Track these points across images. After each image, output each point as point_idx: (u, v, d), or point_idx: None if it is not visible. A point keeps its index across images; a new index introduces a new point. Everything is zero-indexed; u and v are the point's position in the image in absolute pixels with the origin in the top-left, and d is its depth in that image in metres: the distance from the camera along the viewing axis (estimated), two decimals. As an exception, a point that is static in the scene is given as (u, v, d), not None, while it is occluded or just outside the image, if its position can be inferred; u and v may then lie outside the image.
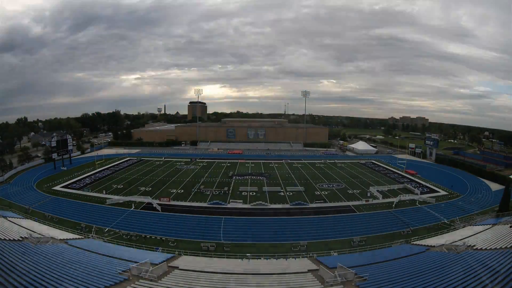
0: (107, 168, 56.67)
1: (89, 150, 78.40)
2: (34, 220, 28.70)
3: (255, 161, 67.24)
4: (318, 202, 37.58)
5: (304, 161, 67.36)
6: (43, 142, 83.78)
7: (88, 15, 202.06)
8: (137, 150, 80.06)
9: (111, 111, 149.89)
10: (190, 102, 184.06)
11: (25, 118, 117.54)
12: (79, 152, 73.26)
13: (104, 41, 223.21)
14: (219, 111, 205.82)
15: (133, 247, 24.17)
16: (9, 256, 14.78)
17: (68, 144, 60.83)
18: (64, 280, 12.94)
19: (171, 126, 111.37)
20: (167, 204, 35.97)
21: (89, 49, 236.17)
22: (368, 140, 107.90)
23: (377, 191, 41.96)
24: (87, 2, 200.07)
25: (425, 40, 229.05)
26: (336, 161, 68.66)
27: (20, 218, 28.10)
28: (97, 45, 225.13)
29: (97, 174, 51.54)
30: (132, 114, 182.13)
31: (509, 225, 22.61)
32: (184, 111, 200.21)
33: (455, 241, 21.28)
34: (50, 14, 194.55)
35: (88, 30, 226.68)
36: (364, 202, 37.72)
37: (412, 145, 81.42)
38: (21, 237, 20.15)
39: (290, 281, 15.52)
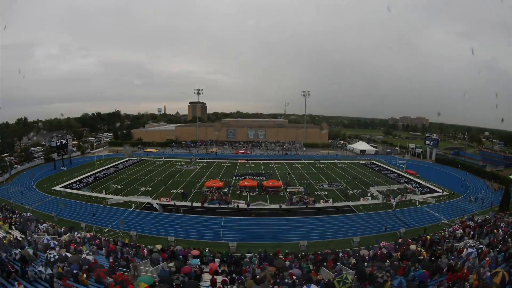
0: (107, 168, 56.67)
1: (89, 150, 78.51)
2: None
3: (255, 161, 67.31)
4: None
5: (304, 161, 67.44)
6: (43, 142, 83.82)
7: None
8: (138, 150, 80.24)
9: (111, 111, 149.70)
10: (190, 102, 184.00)
11: (25, 118, 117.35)
12: (79, 152, 73.34)
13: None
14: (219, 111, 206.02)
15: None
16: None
17: (68, 144, 61.04)
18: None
19: (171, 126, 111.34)
20: (167, 204, 35.96)
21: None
22: (368, 140, 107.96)
23: (377, 191, 41.99)
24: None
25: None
26: (336, 161, 68.78)
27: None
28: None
29: (97, 174, 51.53)
30: (132, 114, 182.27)
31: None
32: (184, 111, 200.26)
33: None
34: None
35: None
36: (362, 202, 37.76)
37: (412, 145, 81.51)
38: (21, 237, 20.12)
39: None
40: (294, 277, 13.39)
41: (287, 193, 41.13)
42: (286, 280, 12.76)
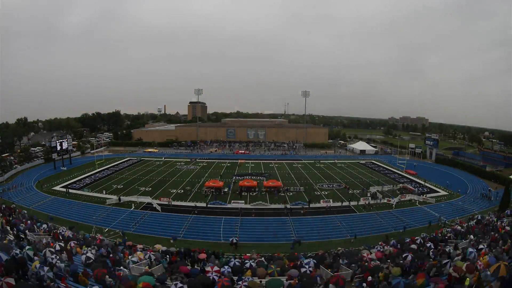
0: (107, 168, 56.66)
1: (89, 150, 78.53)
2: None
3: (255, 161, 67.31)
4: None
5: (304, 161, 67.45)
6: (43, 142, 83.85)
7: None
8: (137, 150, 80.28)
9: (111, 111, 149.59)
10: (190, 102, 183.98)
11: (25, 118, 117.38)
12: (79, 152, 73.35)
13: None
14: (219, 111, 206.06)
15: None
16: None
17: (68, 144, 61.05)
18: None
19: (171, 126, 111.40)
20: (167, 204, 35.97)
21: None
22: (368, 140, 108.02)
23: (377, 191, 41.97)
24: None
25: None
26: (336, 161, 68.86)
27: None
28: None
29: (97, 174, 51.51)
30: (132, 114, 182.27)
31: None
32: (184, 111, 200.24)
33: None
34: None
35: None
36: (362, 202, 37.79)
37: (412, 145, 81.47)
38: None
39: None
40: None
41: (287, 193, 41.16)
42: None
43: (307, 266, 14.41)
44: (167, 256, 18.19)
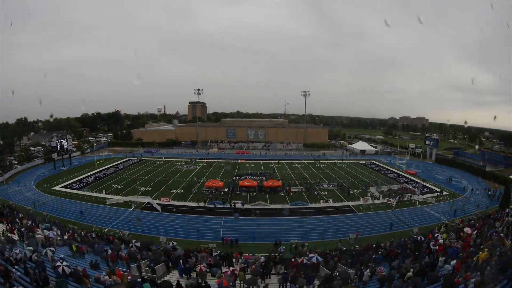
0: (107, 168, 56.67)
1: (88, 150, 78.54)
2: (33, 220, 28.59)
3: (255, 161, 67.33)
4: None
5: (304, 161, 67.47)
6: (43, 142, 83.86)
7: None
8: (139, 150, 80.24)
9: (111, 111, 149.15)
10: (190, 102, 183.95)
11: (25, 118, 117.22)
12: (79, 152, 73.35)
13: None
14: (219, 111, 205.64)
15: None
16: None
17: (68, 144, 61.03)
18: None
19: (171, 126, 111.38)
20: (167, 204, 35.99)
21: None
22: (368, 140, 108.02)
23: (377, 191, 41.97)
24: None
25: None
26: (336, 161, 68.90)
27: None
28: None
29: (97, 174, 51.52)
30: (132, 114, 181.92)
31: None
32: (184, 111, 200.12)
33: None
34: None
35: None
36: (362, 202, 37.79)
37: (412, 145, 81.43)
38: (21, 237, 20.10)
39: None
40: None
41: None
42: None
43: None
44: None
